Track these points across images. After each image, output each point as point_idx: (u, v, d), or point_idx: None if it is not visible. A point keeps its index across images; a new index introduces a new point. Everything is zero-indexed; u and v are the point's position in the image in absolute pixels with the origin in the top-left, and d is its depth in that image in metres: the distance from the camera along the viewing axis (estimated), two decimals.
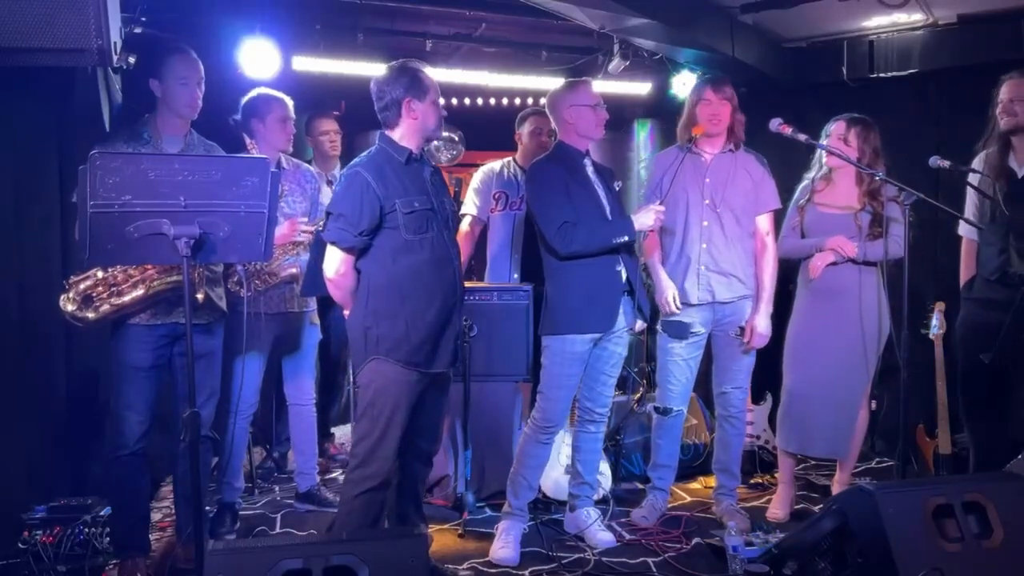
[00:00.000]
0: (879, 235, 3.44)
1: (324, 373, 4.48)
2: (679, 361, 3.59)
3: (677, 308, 3.49)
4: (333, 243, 2.80)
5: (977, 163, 3.46)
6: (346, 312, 2.96)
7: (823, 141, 3.54)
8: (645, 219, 3.26)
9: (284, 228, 3.36)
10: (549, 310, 3.30)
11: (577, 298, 3.25)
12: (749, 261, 3.55)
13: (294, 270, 3.47)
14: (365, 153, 2.91)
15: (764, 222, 3.56)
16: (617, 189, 3.56)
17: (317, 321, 3.84)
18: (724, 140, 3.54)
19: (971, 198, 3.54)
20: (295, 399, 3.85)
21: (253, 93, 3.60)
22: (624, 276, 3.32)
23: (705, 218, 3.50)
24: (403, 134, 2.88)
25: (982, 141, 3.48)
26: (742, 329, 3.54)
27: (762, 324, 3.50)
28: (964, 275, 3.62)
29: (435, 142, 5.06)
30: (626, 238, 3.26)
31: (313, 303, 3.77)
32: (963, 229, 3.63)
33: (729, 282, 3.50)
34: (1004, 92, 3.37)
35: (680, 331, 3.54)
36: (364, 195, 2.76)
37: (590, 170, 3.39)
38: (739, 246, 3.51)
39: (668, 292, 3.50)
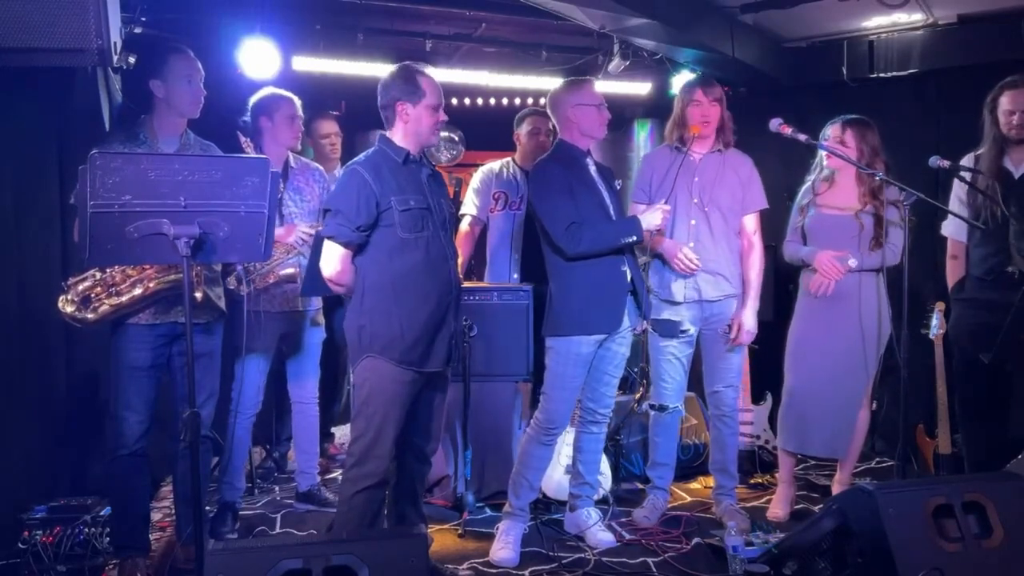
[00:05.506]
0: (879, 242, 3.45)
1: (325, 373, 4.47)
2: (671, 359, 3.60)
3: (694, 263, 3.41)
4: (331, 238, 2.80)
5: (967, 163, 3.46)
6: None
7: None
8: (653, 219, 3.26)
9: (282, 230, 3.36)
10: (554, 311, 3.29)
11: (583, 299, 3.24)
12: (735, 260, 3.56)
13: (291, 270, 3.46)
14: (364, 153, 2.93)
15: (750, 222, 3.58)
16: (617, 188, 3.57)
17: (322, 321, 3.84)
18: (713, 140, 3.55)
19: (956, 199, 3.54)
20: (299, 398, 3.86)
21: (263, 92, 3.63)
22: (628, 276, 3.32)
23: (693, 216, 3.51)
24: (399, 136, 2.90)
25: (983, 144, 3.48)
26: (730, 327, 3.54)
27: (749, 321, 3.51)
28: (951, 276, 3.63)
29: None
30: (634, 238, 3.25)
31: (317, 302, 3.77)
32: (947, 230, 3.63)
33: (716, 280, 3.51)
34: (1008, 103, 3.34)
35: (670, 330, 3.55)
36: (361, 191, 2.77)
37: (592, 169, 3.39)
38: (725, 245, 3.52)
39: (677, 248, 3.43)
